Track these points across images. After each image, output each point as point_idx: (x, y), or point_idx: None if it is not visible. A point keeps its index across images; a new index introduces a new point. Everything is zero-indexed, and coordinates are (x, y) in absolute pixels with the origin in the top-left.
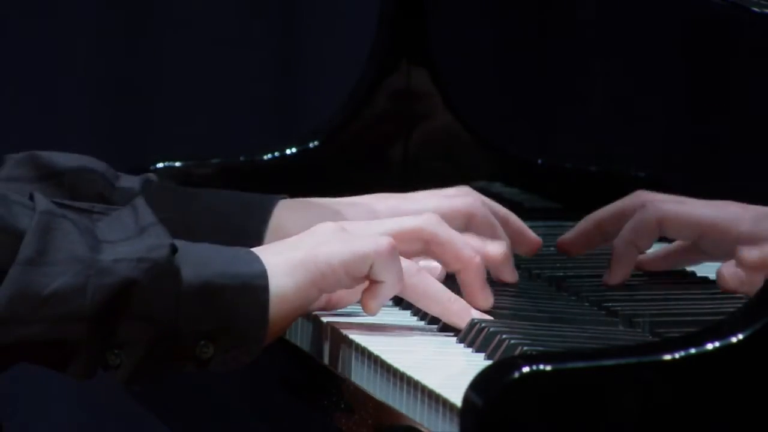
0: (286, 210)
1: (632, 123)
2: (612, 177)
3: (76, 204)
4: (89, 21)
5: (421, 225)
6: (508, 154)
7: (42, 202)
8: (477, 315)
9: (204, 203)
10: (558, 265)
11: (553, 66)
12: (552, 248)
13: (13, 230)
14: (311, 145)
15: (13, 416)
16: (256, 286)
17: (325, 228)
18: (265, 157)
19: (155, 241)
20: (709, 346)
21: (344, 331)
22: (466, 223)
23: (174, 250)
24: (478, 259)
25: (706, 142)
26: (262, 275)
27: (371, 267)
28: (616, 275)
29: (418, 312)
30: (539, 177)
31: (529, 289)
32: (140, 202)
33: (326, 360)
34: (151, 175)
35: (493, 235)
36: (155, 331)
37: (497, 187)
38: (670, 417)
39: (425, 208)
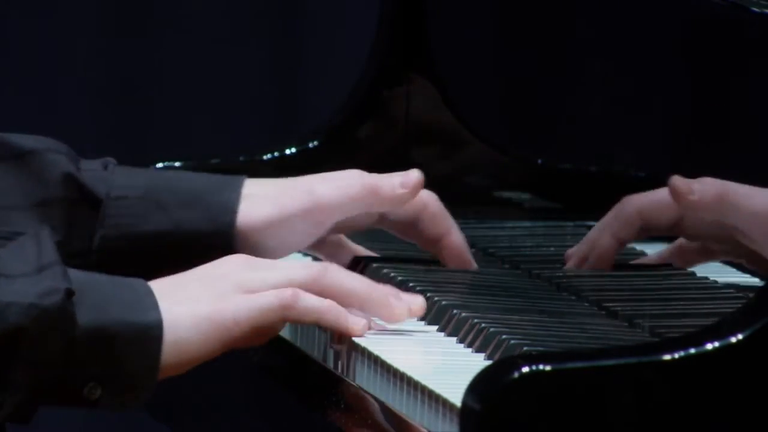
0: (254, 184)
1: (632, 123)
2: (612, 177)
3: None
4: (89, 21)
5: (308, 277)
6: (508, 154)
7: None
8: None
9: (172, 181)
10: (558, 265)
11: (553, 66)
12: (552, 248)
13: None
14: (311, 145)
15: None
16: (150, 336)
17: (228, 270)
18: (265, 157)
19: (50, 284)
20: (709, 346)
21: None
22: (420, 212)
23: (70, 293)
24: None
25: (707, 142)
26: (158, 326)
27: (287, 319)
28: (583, 262)
29: None
30: (539, 177)
31: (529, 289)
32: (45, 234)
33: (326, 361)
34: (110, 159)
35: (446, 228)
36: (41, 375)
37: (497, 187)
38: (670, 417)
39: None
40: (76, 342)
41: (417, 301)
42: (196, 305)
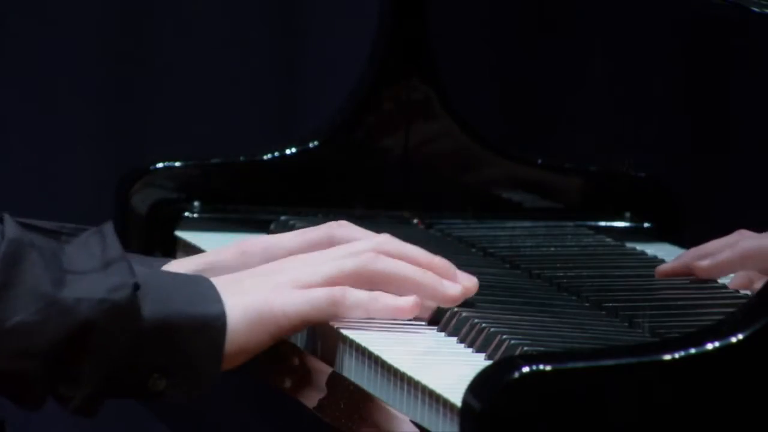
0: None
1: (632, 123)
2: (612, 177)
3: (46, 225)
4: (89, 21)
5: (359, 266)
6: (508, 154)
7: (11, 228)
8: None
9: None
10: (558, 265)
11: (553, 66)
12: (552, 248)
13: None
14: (311, 145)
15: (14, 414)
16: (213, 327)
17: (284, 265)
18: (265, 157)
19: (118, 279)
20: (709, 346)
21: (344, 331)
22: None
23: (137, 287)
24: (421, 271)
25: (706, 142)
26: (221, 317)
27: (337, 314)
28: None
29: None
30: (539, 177)
31: (529, 289)
32: (109, 229)
33: (326, 360)
34: None
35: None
36: (110, 367)
37: (497, 187)
38: (670, 417)
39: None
40: (142, 334)
41: (471, 281)
42: (248, 297)
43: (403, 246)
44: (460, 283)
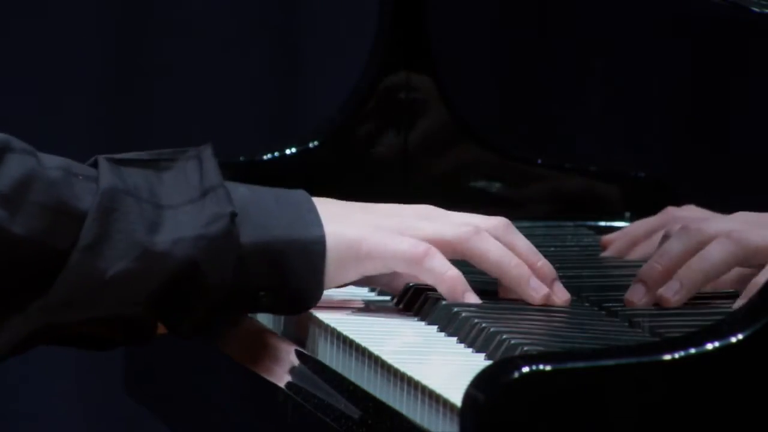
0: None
1: (632, 123)
2: (612, 177)
3: (143, 156)
4: (89, 21)
5: (456, 237)
6: (508, 154)
7: (105, 176)
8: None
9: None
10: (558, 265)
11: (553, 65)
12: (552, 248)
13: (74, 212)
14: (311, 145)
15: (12, 415)
16: (313, 251)
17: (403, 213)
18: (265, 157)
19: (215, 210)
20: (709, 346)
21: (343, 331)
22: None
23: (234, 215)
24: (515, 262)
25: (707, 142)
26: (320, 241)
27: (411, 272)
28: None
29: (417, 313)
30: (539, 177)
31: None
32: (207, 154)
33: (326, 360)
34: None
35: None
36: (214, 294)
37: (497, 187)
38: (670, 417)
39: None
40: (244, 259)
41: (564, 296)
42: (347, 229)
43: (515, 236)
44: (554, 294)
